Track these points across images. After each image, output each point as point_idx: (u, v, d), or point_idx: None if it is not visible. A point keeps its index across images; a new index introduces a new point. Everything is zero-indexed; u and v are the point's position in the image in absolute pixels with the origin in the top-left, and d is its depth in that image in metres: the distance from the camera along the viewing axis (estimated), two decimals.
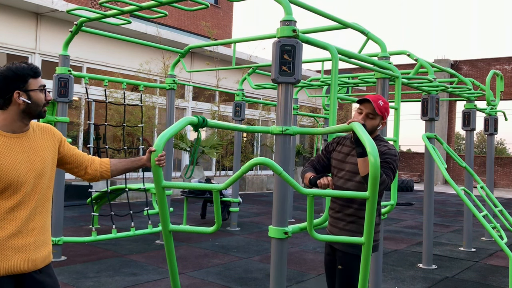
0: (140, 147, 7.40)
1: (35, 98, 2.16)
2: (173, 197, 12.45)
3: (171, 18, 21.01)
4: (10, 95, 2.11)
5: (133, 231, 6.68)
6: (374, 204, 2.41)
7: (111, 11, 5.27)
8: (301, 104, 17.60)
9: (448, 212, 12.77)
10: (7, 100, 2.12)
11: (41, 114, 2.22)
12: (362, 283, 2.55)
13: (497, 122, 8.75)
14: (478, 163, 23.19)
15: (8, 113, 2.14)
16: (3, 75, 2.11)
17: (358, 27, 4.66)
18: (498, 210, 6.40)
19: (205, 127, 2.94)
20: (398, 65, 11.19)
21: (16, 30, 12.06)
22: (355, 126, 2.62)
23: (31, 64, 2.20)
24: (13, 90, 2.11)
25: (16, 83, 2.12)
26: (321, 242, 7.67)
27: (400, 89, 4.68)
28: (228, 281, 5.44)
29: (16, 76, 2.12)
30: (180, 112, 16.08)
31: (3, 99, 2.12)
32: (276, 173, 2.62)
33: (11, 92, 2.11)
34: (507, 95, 23.42)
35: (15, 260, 2.10)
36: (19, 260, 2.11)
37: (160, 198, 2.60)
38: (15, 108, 2.14)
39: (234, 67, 7.02)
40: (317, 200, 10.46)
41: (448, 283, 5.79)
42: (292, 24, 3.25)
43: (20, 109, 2.14)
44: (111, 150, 11.75)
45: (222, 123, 3.23)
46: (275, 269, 3.31)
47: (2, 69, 2.12)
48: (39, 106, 2.19)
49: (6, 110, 2.14)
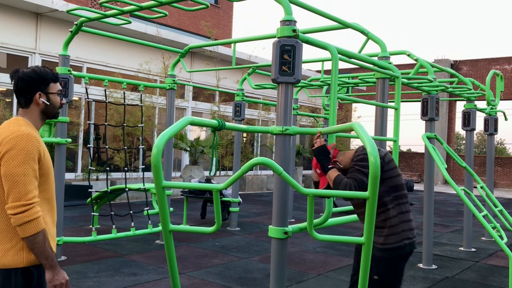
0: (140, 147, 7.41)
1: (53, 101, 2.38)
2: (173, 197, 12.45)
3: (171, 18, 21.01)
4: (32, 95, 2.32)
5: (133, 231, 6.68)
6: (374, 204, 2.41)
7: (111, 11, 5.27)
8: (301, 104, 17.59)
9: (448, 212, 12.77)
10: (29, 100, 2.33)
11: (56, 115, 2.45)
12: (362, 283, 2.55)
13: (497, 122, 8.75)
14: (478, 163, 23.19)
15: (31, 112, 2.35)
16: (29, 76, 2.31)
17: (358, 27, 4.66)
18: (498, 210, 6.40)
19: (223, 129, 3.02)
20: (398, 65, 11.17)
21: (16, 30, 12.06)
22: (355, 126, 2.63)
23: (53, 70, 2.45)
24: (36, 91, 2.32)
25: (39, 85, 2.33)
26: (321, 242, 7.67)
27: (400, 89, 4.68)
28: (228, 281, 5.44)
29: (40, 78, 2.33)
30: (180, 112, 16.08)
31: (25, 98, 2.33)
32: (276, 173, 2.62)
33: (34, 92, 2.32)
34: (507, 95, 23.42)
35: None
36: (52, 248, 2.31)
37: (160, 198, 2.60)
38: (36, 108, 2.35)
39: (234, 67, 7.02)
40: (317, 200, 10.45)
41: (448, 283, 5.79)
42: (292, 24, 3.25)
43: (39, 109, 2.36)
44: (111, 150, 11.75)
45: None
46: (275, 269, 3.31)
47: (28, 71, 2.32)
48: (55, 108, 2.41)
49: (29, 109, 2.35)
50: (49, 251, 2.20)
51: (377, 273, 3.01)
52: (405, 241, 3.03)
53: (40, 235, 2.17)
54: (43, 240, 2.18)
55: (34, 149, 2.20)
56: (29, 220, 2.13)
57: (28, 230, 2.14)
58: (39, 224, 2.16)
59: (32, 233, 2.15)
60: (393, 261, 3.05)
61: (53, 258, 2.21)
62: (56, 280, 2.21)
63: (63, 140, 5.97)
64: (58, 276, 2.22)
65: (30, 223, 2.14)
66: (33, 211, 2.15)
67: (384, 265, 3.03)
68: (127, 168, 8.61)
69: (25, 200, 2.14)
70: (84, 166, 13.24)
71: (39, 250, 2.17)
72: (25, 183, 2.15)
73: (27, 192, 2.15)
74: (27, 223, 2.13)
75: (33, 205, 2.16)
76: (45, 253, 2.19)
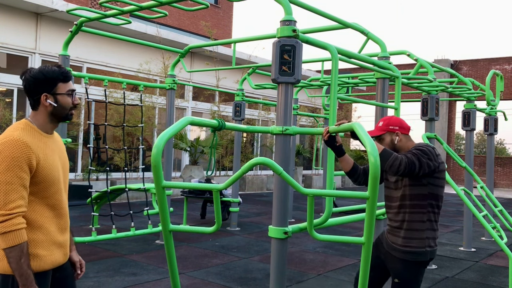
0: (140, 147, 7.41)
1: (62, 102, 2.25)
2: (173, 197, 12.45)
3: (171, 18, 21.01)
4: (39, 97, 2.22)
5: (133, 231, 6.67)
6: (374, 204, 2.40)
7: (111, 11, 5.27)
8: (301, 104, 17.59)
9: (448, 212, 12.76)
10: (36, 101, 2.23)
11: (68, 117, 2.31)
12: (362, 283, 2.55)
13: (497, 122, 8.75)
14: (478, 163, 23.18)
15: (40, 114, 2.25)
16: (34, 77, 2.20)
17: (358, 27, 4.66)
18: (498, 210, 6.40)
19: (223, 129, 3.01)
20: (398, 65, 11.19)
21: (16, 30, 12.06)
22: (355, 126, 2.62)
23: (63, 68, 2.29)
24: (41, 93, 2.22)
25: (44, 86, 2.21)
26: (321, 242, 7.67)
27: (400, 89, 4.67)
28: (228, 281, 5.44)
29: (46, 79, 2.21)
30: (180, 112, 16.08)
31: (33, 99, 2.23)
32: (276, 173, 2.62)
33: (39, 94, 2.22)
34: (507, 95, 23.42)
35: (56, 254, 2.26)
36: (59, 255, 2.28)
37: (160, 198, 2.59)
38: (44, 110, 2.24)
39: (234, 67, 7.02)
40: (317, 200, 10.45)
41: (448, 283, 5.79)
42: (292, 24, 3.25)
43: (47, 111, 2.25)
44: (111, 150, 11.75)
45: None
46: (275, 269, 3.31)
47: (35, 71, 2.22)
48: (66, 110, 2.28)
49: (38, 110, 2.25)
50: (24, 269, 2.03)
51: (399, 276, 3.04)
52: (427, 248, 3.03)
53: (16, 249, 2.02)
54: (18, 256, 2.02)
55: (21, 156, 2.06)
56: (5, 231, 2.01)
57: (4, 241, 2.02)
58: (16, 238, 2.02)
59: (8, 246, 2.02)
60: (416, 265, 3.04)
61: (28, 276, 2.04)
62: None
63: (63, 140, 5.98)
64: None
65: (7, 234, 2.01)
66: (11, 222, 2.02)
67: (406, 268, 3.03)
68: (127, 168, 8.61)
69: (5, 209, 2.02)
70: (84, 166, 13.24)
71: (14, 266, 2.03)
72: (6, 192, 2.02)
73: (8, 202, 2.02)
74: (4, 234, 2.01)
75: (13, 216, 2.03)
76: (19, 270, 2.03)
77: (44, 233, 2.19)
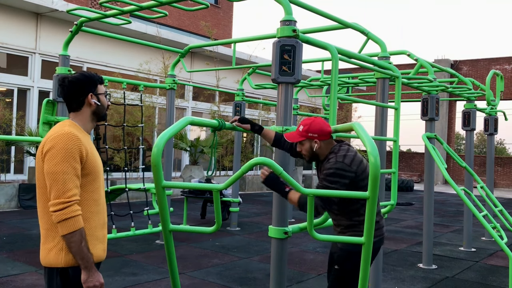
0: (140, 147, 7.41)
1: (103, 101, 2.46)
2: (173, 197, 12.45)
3: (171, 18, 21.00)
4: (84, 97, 2.38)
5: (133, 231, 6.67)
6: (374, 204, 2.41)
7: (111, 11, 5.27)
8: (301, 104, 17.59)
9: (448, 212, 12.76)
10: (81, 102, 2.39)
11: (105, 116, 2.52)
12: (362, 283, 2.55)
13: (497, 122, 8.75)
14: (478, 163, 23.18)
15: (82, 114, 2.41)
16: (79, 80, 2.38)
17: (358, 27, 4.65)
18: (498, 210, 6.40)
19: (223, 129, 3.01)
20: (398, 65, 11.15)
21: (16, 30, 12.06)
22: (355, 126, 2.63)
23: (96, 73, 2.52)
24: (88, 93, 2.39)
25: (90, 87, 2.40)
26: (321, 242, 7.67)
27: (400, 89, 4.68)
28: (228, 281, 5.44)
29: (90, 80, 2.41)
30: (180, 112, 16.08)
31: (77, 101, 2.39)
32: (276, 173, 2.62)
33: (86, 94, 2.39)
34: (507, 95, 23.42)
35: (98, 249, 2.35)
36: (100, 250, 2.37)
37: (160, 198, 2.59)
38: (87, 110, 2.41)
39: (234, 67, 7.01)
40: None
41: (448, 283, 5.79)
42: (292, 24, 3.25)
43: (91, 110, 2.42)
44: (111, 150, 11.74)
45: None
46: (275, 269, 3.31)
47: (77, 75, 2.40)
48: (105, 109, 2.48)
49: (80, 112, 2.41)
50: (85, 252, 2.20)
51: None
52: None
53: (76, 234, 2.17)
54: (79, 240, 2.18)
55: (74, 148, 2.23)
56: (66, 218, 2.15)
57: (65, 228, 2.16)
58: (76, 223, 2.17)
59: (69, 231, 2.16)
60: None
61: (89, 259, 2.21)
62: (90, 281, 2.21)
63: None
64: (93, 278, 2.21)
65: (67, 221, 2.16)
66: (71, 209, 2.17)
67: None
68: (127, 168, 8.60)
69: (64, 197, 2.17)
70: None
71: (75, 250, 2.18)
72: (64, 181, 2.18)
73: (66, 190, 2.18)
74: (64, 220, 2.15)
75: (72, 203, 2.18)
76: (81, 253, 2.19)
77: (87, 227, 2.29)
